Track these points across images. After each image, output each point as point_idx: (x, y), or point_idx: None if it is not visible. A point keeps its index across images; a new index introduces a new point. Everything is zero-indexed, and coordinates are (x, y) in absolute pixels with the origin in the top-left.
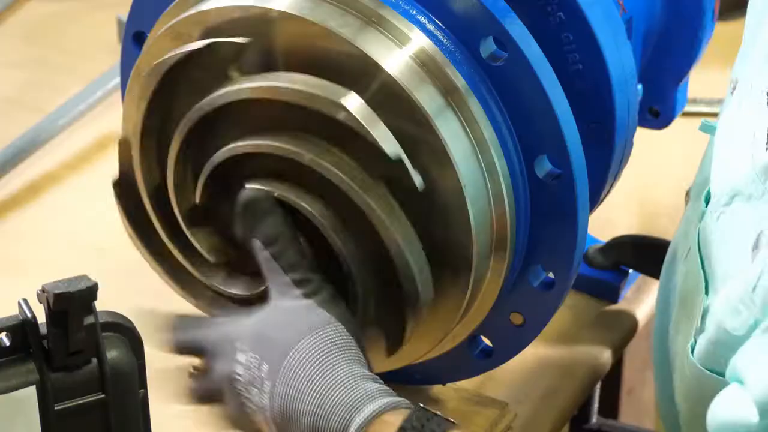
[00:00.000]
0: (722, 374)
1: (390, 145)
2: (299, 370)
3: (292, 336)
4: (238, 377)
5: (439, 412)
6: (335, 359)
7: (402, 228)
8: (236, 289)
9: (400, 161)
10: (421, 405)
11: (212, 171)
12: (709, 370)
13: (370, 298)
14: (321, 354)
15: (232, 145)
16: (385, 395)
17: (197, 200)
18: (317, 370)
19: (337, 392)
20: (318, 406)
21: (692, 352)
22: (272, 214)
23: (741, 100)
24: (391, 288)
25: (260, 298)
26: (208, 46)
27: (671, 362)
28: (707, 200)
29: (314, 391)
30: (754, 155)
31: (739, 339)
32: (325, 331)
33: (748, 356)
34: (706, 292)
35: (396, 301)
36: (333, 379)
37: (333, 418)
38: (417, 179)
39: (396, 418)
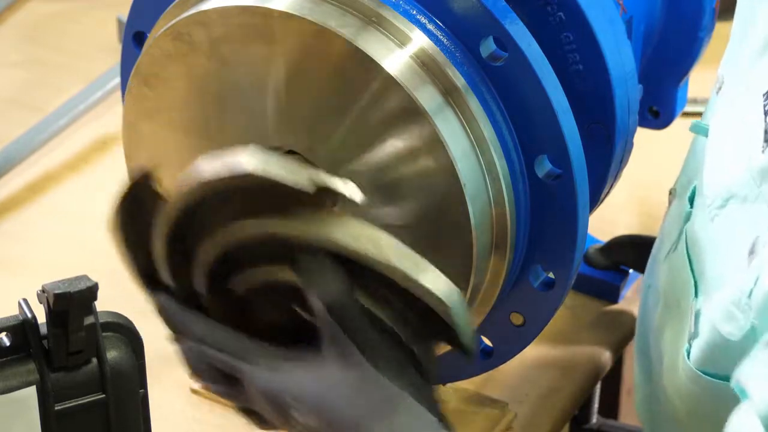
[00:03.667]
0: (720, 377)
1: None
2: None
3: (362, 415)
4: (295, 426)
5: None
6: None
7: None
8: None
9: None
10: None
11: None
12: (706, 374)
13: None
14: None
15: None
16: None
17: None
18: None
19: None
20: None
21: (688, 357)
22: (332, 270)
23: (734, 100)
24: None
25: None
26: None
27: (657, 358)
28: (691, 201)
29: None
30: (750, 157)
31: (735, 344)
32: (398, 413)
33: (751, 371)
34: (696, 295)
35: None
36: None
37: None
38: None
39: None
